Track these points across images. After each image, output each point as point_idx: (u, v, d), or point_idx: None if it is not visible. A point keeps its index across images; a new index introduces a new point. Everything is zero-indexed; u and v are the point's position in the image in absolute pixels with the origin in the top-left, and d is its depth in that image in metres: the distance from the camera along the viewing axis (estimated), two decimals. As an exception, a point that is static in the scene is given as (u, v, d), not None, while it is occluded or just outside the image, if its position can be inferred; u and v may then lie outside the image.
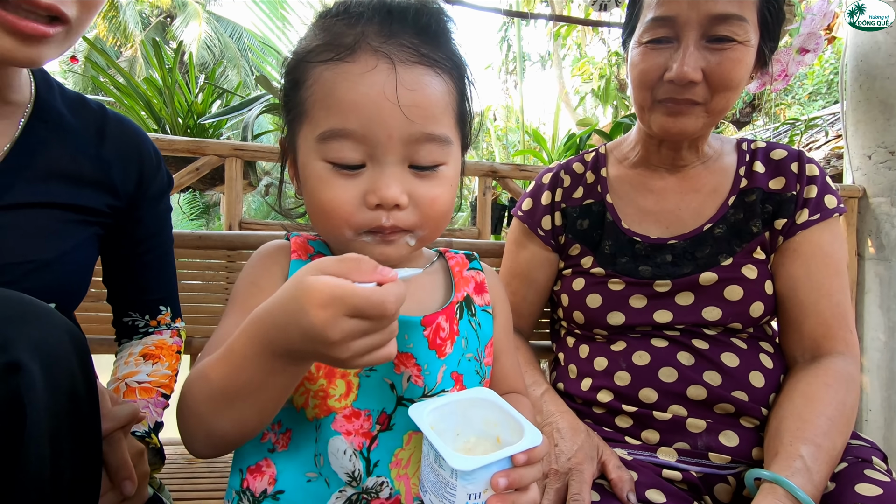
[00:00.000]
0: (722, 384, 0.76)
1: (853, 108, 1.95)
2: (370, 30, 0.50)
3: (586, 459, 0.72)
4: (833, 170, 3.21)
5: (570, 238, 0.92)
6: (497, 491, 0.45)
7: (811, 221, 0.80)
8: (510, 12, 4.41)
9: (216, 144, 1.69)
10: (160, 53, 2.73)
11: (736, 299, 0.79)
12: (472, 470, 0.43)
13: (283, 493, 0.53)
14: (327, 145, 0.50)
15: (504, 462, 0.45)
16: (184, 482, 1.01)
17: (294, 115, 0.54)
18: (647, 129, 0.86)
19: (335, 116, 0.49)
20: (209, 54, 12.44)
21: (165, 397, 0.80)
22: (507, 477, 0.45)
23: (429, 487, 0.47)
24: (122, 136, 0.75)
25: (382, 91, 0.48)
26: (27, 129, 0.66)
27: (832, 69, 7.81)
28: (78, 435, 0.48)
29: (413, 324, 0.56)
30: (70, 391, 0.46)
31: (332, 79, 0.50)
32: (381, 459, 0.54)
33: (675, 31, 0.77)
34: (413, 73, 0.50)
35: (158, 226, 0.82)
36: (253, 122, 2.34)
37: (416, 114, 0.49)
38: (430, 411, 0.49)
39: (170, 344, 0.86)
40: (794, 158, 0.84)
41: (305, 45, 0.54)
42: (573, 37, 8.70)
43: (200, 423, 0.46)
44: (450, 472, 0.44)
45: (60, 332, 0.47)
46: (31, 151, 0.66)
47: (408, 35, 0.51)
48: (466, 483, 0.44)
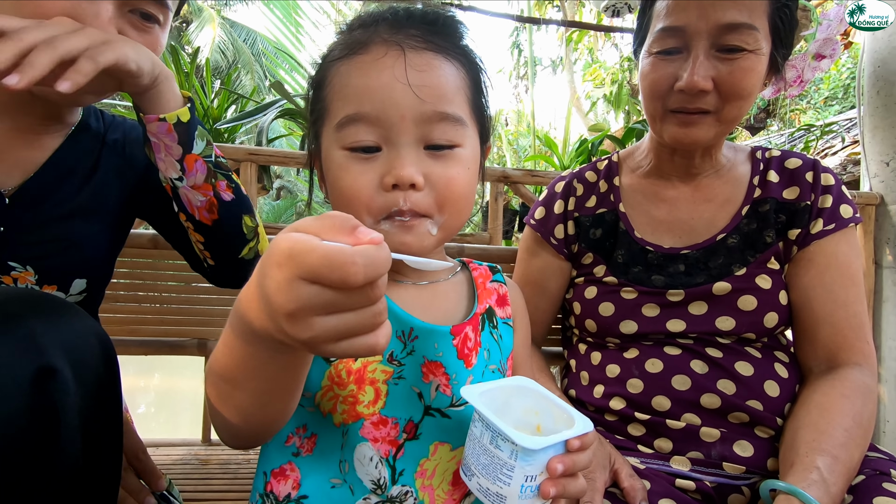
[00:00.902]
0: (736, 393, 0.76)
1: (870, 114, 1.92)
2: (382, 27, 0.54)
3: (598, 468, 0.72)
4: (850, 176, 3.16)
5: (583, 247, 0.92)
6: (553, 475, 0.45)
7: (826, 231, 0.79)
8: (522, 17, 4.42)
9: (232, 149, 1.71)
10: (177, 59, 2.77)
11: (750, 309, 0.78)
12: (535, 450, 0.43)
13: (307, 498, 0.53)
14: (344, 132, 0.52)
15: (559, 447, 0.45)
16: (197, 483, 1.02)
17: (317, 116, 0.57)
18: (659, 139, 0.86)
19: (350, 104, 0.52)
20: (223, 59, 12.61)
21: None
22: (563, 462, 0.45)
23: (478, 470, 0.46)
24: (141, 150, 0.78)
25: (393, 73, 0.50)
26: (62, 148, 0.73)
27: (849, 73, 7.70)
28: (104, 434, 0.50)
29: (443, 333, 0.56)
30: (97, 392, 0.48)
31: (346, 71, 0.53)
32: (406, 468, 0.54)
33: (684, 41, 0.77)
34: (422, 57, 0.52)
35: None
36: (267, 126, 2.36)
37: (427, 93, 0.51)
38: (479, 395, 0.49)
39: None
40: (808, 167, 0.84)
41: (326, 51, 0.58)
42: (585, 42, 8.69)
43: (214, 412, 0.45)
44: (509, 452, 0.44)
45: (89, 334, 0.49)
46: (65, 168, 0.72)
47: (417, 28, 0.53)
48: (526, 464, 0.43)
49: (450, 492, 0.55)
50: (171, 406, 5.65)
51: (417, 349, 0.55)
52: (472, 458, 0.48)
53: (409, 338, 0.56)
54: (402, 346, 0.55)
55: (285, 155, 1.83)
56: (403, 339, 0.55)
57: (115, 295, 1.15)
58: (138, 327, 1.17)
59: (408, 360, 0.55)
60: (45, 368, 0.43)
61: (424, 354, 0.55)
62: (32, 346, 0.44)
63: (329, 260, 0.29)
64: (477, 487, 0.47)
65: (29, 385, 0.42)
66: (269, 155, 1.77)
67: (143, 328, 1.17)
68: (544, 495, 0.45)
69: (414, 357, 0.55)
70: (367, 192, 0.51)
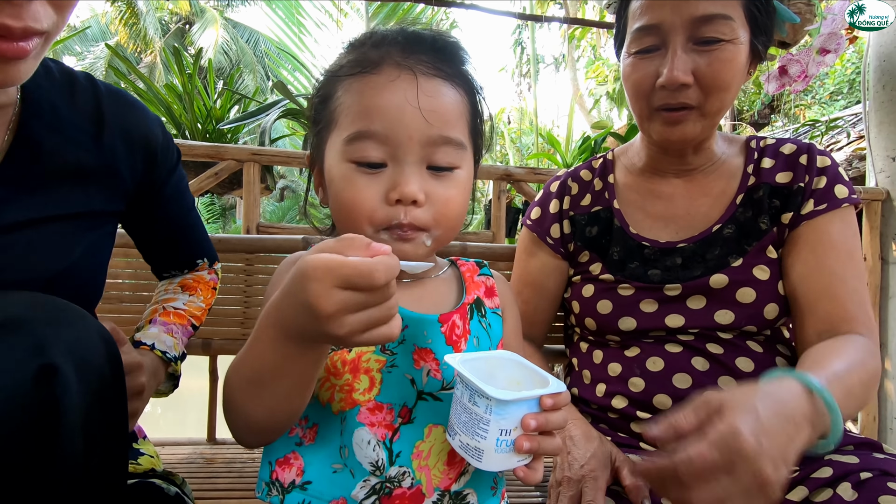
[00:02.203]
0: (738, 391, 0.75)
1: (876, 109, 1.91)
2: (394, 49, 0.57)
3: (600, 466, 0.72)
4: (855, 172, 3.14)
5: (580, 245, 0.92)
6: (527, 430, 0.48)
7: (817, 212, 0.78)
8: (524, 15, 4.41)
9: (235, 149, 1.71)
10: (180, 60, 2.79)
11: (748, 302, 0.78)
12: (507, 402, 0.46)
13: (311, 483, 0.57)
14: (353, 146, 0.55)
15: (533, 404, 0.49)
16: (203, 482, 1.02)
17: (322, 126, 0.60)
18: (649, 139, 0.87)
19: (361, 120, 0.55)
20: (226, 59, 12.66)
21: (194, 328, 0.85)
22: (536, 418, 0.48)
23: (459, 429, 0.50)
24: (123, 117, 0.69)
25: (405, 97, 0.54)
26: (20, 131, 0.60)
27: (854, 68, 7.63)
28: (107, 434, 0.50)
29: (431, 321, 0.60)
30: (100, 392, 0.49)
31: (359, 88, 0.56)
32: (402, 451, 0.57)
33: (661, 38, 0.77)
34: (432, 83, 0.56)
35: (175, 198, 0.81)
36: (270, 126, 2.37)
37: (434, 118, 0.55)
38: (460, 361, 0.52)
39: (207, 279, 0.91)
40: (803, 151, 0.83)
41: (335, 66, 0.61)
42: (588, 39, 8.67)
43: (239, 413, 0.50)
44: (485, 407, 0.47)
45: (92, 333, 0.49)
46: (28, 156, 0.60)
47: (427, 54, 0.57)
48: (500, 418, 0.47)
49: (445, 471, 0.59)
50: (176, 405, 5.67)
51: (408, 338, 0.59)
52: (454, 418, 0.51)
53: (401, 328, 0.59)
54: None
55: (288, 155, 1.84)
56: None
57: (119, 295, 1.16)
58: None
59: (399, 349, 0.59)
60: (47, 367, 0.44)
61: (415, 342, 0.59)
62: (34, 346, 0.44)
63: (358, 269, 0.39)
64: (459, 444, 0.50)
65: (30, 384, 0.43)
66: (272, 155, 1.78)
67: (148, 328, 1.18)
68: (518, 449, 0.48)
69: (405, 346, 0.59)
70: (370, 204, 0.55)
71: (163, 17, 14.45)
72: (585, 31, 7.59)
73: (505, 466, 0.49)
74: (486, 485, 0.62)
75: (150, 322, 0.80)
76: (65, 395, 0.44)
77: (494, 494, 0.63)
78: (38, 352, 0.44)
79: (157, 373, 0.74)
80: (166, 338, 0.77)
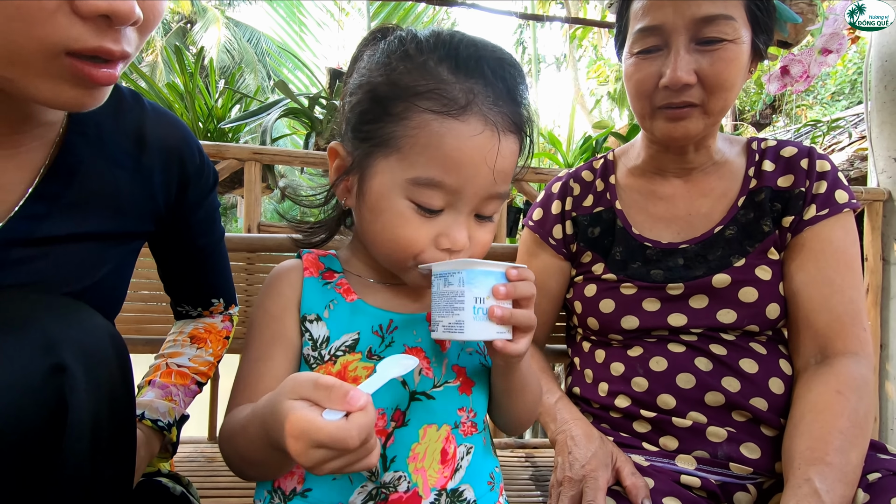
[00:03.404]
0: (741, 391, 0.75)
1: (878, 110, 1.91)
2: (478, 89, 0.55)
3: (600, 466, 0.72)
4: (857, 172, 3.13)
5: (582, 246, 0.92)
6: (498, 297, 0.52)
7: (819, 217, 0.79)
8: (525, 15, 4.40)
9: (236, 148, 1.72)
10: (182, 59, 2.79)
11: (751, 301, 0.78)
12: (477, 270, 0.52)
13: (311, 490, 0.57)
14: (419, 189, 0.55)
15: (500, 276, 0.54)
16: (204, 480, 1.03)
17: (376, 143, 0.57)
18: (651, 137, 0.87)
19: (437, 168, 0.54)
20: (228, 58, 12.65)
21: (199, 385, 0.82)
22: (505, 287, 0.53)
23: (440, 317, 0.53)
24: (164, 139, 0.68)
25: (483, 156, 0.55)
26: (64, 148, 0.60)
27: (856, 69, 7.61)
28: (116, 434, 0.50)
29: (420, 319, 0.62)
30: (110, 392, 0.49)
31: (440, 132, 0.54)
32: (398, 455, 0.57)
33: (663, 39, 0.78)
34: (508, 142, 0.57)
35: (205, 225, 0.79)
36: (271, 126, 2.37)
37: (502, 178, 0.57)
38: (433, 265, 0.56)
39: (219, 329, 0.88)
40: (804, 155, 0.83)
41: (403, 79, 0.55)
42: (589, 38, 8.66)
43: (233, 468, 0.56)
44: (458, 282, 0.52)
45: (102, 334, 0.50)
46: (68, 174, 0.60)
47: (507, 104, 0.57)
48: (472, 286, 0.51)
49: (440, 470, 0.59)
50: (177, 404, 5.67)
51: (398, 339, 0.60)
52: (435, 312, 0.54)
53: (388, 330, 0.60)
54: (380, 341, 0.60)
55: (289, 154, 1.84)
56: (381, 334, 0.60)
57: (130, 294, 1.16)
58: (145, 326, 1.18)
59: (387, 353, 0.59)
60: (56, 366, 0.44)
61: (405, 342, 0.60)
62: (44, 344, 0.45)
63: (333, 437, 0.40)
64: (443, 330, 0.53)
65: (39, 382, 0.43)
66: (273, 154, 1.78)
67: (150, 326, 1.18)
68: (491, 316, 0.52)
69: (393, 348, 0.59)
70: (421, 245, 0.56)
71: (164, 16, 14.45)
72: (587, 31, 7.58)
73: (486, 335, 0.52)
74: (483, 479, 0.62)
75: (149, 384, 0.76)
76: (73, 393, 0.44)
77: (492, 489, 0.63)
78: (48, 350, 0.44)
79: (150, 443, 0.70)
80: (160, 403, 0.73)
